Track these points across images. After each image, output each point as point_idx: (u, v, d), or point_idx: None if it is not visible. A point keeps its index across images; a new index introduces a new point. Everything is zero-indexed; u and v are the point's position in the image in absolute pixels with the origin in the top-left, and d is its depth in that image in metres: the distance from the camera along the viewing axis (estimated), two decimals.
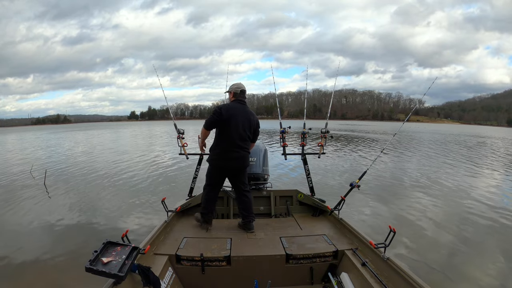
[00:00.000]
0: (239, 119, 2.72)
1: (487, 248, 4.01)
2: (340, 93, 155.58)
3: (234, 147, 2.73)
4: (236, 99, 2.81)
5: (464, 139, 27.35)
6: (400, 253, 3.62)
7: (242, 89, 2.81)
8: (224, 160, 2.76)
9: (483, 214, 5.33)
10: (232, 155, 2.75)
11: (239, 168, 2.84)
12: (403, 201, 6.15)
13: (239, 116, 2.72)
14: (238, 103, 2.79)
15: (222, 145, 2.75)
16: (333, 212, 2.98)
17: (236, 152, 2.74)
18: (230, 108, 2.75)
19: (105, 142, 21.81)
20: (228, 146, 2.73)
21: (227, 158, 2.75)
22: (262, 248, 2.41)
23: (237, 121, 2.71)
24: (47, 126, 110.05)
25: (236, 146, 2.73)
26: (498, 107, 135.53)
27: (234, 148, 2.73)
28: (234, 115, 2.71)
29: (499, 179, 9.04)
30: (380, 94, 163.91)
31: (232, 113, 2.71)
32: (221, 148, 2.75)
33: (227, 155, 2.74)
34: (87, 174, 8.80)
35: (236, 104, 2.79)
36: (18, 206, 5.61)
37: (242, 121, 2.74)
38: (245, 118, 2.76)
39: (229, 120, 2.70)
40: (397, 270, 1.89)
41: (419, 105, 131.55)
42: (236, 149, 2.74)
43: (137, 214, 5.10)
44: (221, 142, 2.74)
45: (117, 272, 1.63)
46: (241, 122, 2.73)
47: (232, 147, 2.73)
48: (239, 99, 2.81)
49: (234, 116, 2.71)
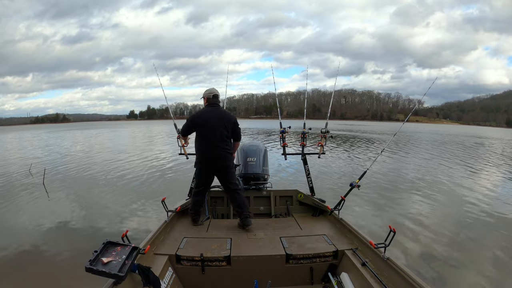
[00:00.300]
0: (213, 121, 2.88)
1: (486, 247, 4.02)
2: (340, 93, 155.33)
3: (212, 148, 2.88)
4: (209, 104, 2.97)
5: (462, 139, 27.42)
6: (400, 253, 3.62)
7: (214, 93, 2.97)
8: (205, 162, 2.93)
9: (481, 214, 5.34)
10: (211, 157, 2.90)
11: (221, 168, 2.95)
12: (403, 201, 6.16)
13: (213, 118, 2.89)
14: (211, 107, 2.96)
15: (200, 148, 2.92)
16: (333, 212, 2.98)
17: (214, 153, 2.89)
18: (203, 112, 2.95)
19: (103, 142, 21.79)
20: (206, 148, 2.90)
21: (207, 159, 2.91)
22: (262, 248, 2.41)
23: (212, 123, 2.87)
24: (46, 125, 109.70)
25: (214, 147, 2.88)
26: (497, 107, 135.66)
27: (213, 149, 2.89)
28: (208, 118, 2.89)
29: (496, 179, 9.07)
30: (380, 94, 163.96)
31: (206, 116, 2.90)
32: (201, 151, 2.92)
33: (207, 157, 2.91)
34: (86, 173, 8.79)
35: (208, 108, 2.96)
36: (17, 205, 5.60)
37: (216, 122, 2.89)
38: (219, 119, 2.90)
39: (203, 124, 2.89)
40: (397, 270, 1.89)
41: (419, 105, 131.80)
42: (215, 150, 2.88)
43: (137, 214, 5.10)
44: (200, 145, 2.92)
45: (117, 272, 1.63)
46: (215, 124, 2.88)
47: (210, 148, 2.89)
48: (211, 103, 2.96)
49: (208, 119, 2.88)
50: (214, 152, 2.88)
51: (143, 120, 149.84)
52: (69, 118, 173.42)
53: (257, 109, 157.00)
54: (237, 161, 3.63)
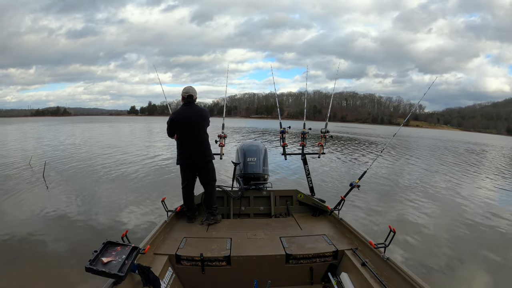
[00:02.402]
0: (189, 120, 3.04)
1: (485, 247, 4.01)
2: (341, 95, 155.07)
3: (191, 144, 3.05)
4: (184, 103, 3.13)
5: (459, 145, 27.36)
6: (400, 253, 3.62)
7: (189, 93, 3.11)
8: (186, 158, 3.07)
9: (479, 215, 5.35)
10: (190, 152, 3.05)
11: (201, 164, 3.10)
12: (403, 202, 6.16)
13: (189, 117, 3.05)
14: (186, 106, 3.12)
15: (180, 145, 3.08)
16: (333, 212, 2.98)
17: (194, 149, 3.05)
18: (179, 112, 3.12)
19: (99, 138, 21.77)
20: (186, 145, 3.06)
21: (187, 155, 3.06)
22: (262, 248, 2.41)
23: (188, 121, 3.04)
24: (46, 118, 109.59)
25: (193, 144, 3.05)
26: (497, 115, 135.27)
27: (192, 145, 3.05)
28: (184, 117, 3.05)
29: (491, 184, 9.07)
30: (381, 98, 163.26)
31: (182, 115, 3.07)
32: (181, 148, 3.08)
33: (186, 152, 3.06)
34: (86, 169, 8.76)
35: (183, 107, 3.13)
36: (17, 201, 5.56)
37: (193, 120, 3.04)
38: (194, 117, 3.06)
39: (180, 123, 3.05)
40: (397, 270, 1.89)
41: (419, 110, 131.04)
42: (194, 146, 3.05)
43: (137, 214, 5.10)
44: (179, 142, 3.09)
45: (117, 272, 1.63)
46: (192, 122, 3.04)
47: (189, 145, 3.05)
48: (186, 103, 3.12)
49: (184, 118, 3.05)
50: (194, 148, 3.04)
51: (143, 116, 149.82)
52: (70, 111, 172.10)
53: (258, 109, 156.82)
54: (237, 161, 3.64)
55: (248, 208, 3.41)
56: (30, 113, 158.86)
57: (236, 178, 3.69)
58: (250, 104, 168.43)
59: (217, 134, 3.64)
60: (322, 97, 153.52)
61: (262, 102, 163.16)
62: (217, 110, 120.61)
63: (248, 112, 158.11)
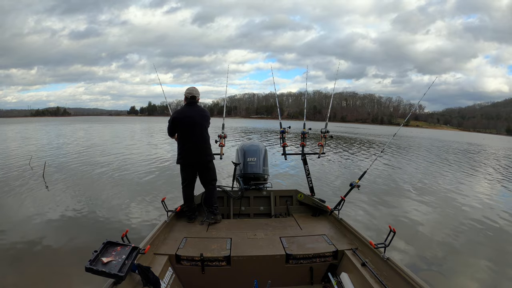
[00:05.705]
0: (191, 119, 3.06)
1: (484, 247, 4.01)
2: (341, 96, 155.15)
3: (192, 144, 3.05)
4: (187, 103, 3.14)
5: (459, 146, 27.36)
6: (400, 253, 3.62)
7: (192, 94, 3.12)
8: (186, 157, 3.07)
9: (479, 215, 5.34)
10: (191, 151, 3.05)
11: (202, 163, 3.10)
12: (403, 202, 6.16)
13: (191, 116, 3.06)
14: (188, 106, 3.13)
15: (181, 144, 3.08)
16: (333, 212, 2.98)
17: (195, 148, 3.05)
18: (182, 111, 3.13)
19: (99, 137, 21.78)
20: (187, 144, 3.06)
21: (188, 155, 3.06)
22: (262, 248, 2.41)
23: (191, 121, 3.05)
24: (45, 118, 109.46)
25: (194, 143, 3.05)
26: (497, 115, 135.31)
27: (193, 145, 3.05)
28: (186, 117, 3.06)
29: (491, 184, 9.07)
30: (381, 98, 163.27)
31: (184, 115, 3.08)
32: (182, 147, 3.08)
33: (187, 152, 3.06)
34: (86, 169, 8.76)
35: (186, 107, 3.13)
36: (17, 201, 5.56)
37: (195, 120, 3.06)
38: (197, 117, 3.07)
39: (182, 122, 3.06)
40: (397, 270, 1.89)
41: (419, 110, 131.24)
42: (195, 145, 3.05)
43: (136, 214, 5.09)
44: (181, 142, 3.09)
45: (117, 272, 1.63)
46: (194, 121, 3.05)
47: (190, 144, 3.05)
48: (189, 103, 3.13)
49: (186, 117, 3.06)
50: (195, 147, 3.04)
51: (143, 116, 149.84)
52: (70, 112, 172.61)
53: (258, 109, 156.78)
54: (237, 161, 3.64)
55: (248, 208, 3.41)
56: (30, 114, 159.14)
57: (236, 178, 3.69)
58: (250, 104, 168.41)
59: (217, 134, 3.65)
60: (322, 97, 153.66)
61: (262, 102, 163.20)
62: (217, 110, 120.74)
63: (248, 112, 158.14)
